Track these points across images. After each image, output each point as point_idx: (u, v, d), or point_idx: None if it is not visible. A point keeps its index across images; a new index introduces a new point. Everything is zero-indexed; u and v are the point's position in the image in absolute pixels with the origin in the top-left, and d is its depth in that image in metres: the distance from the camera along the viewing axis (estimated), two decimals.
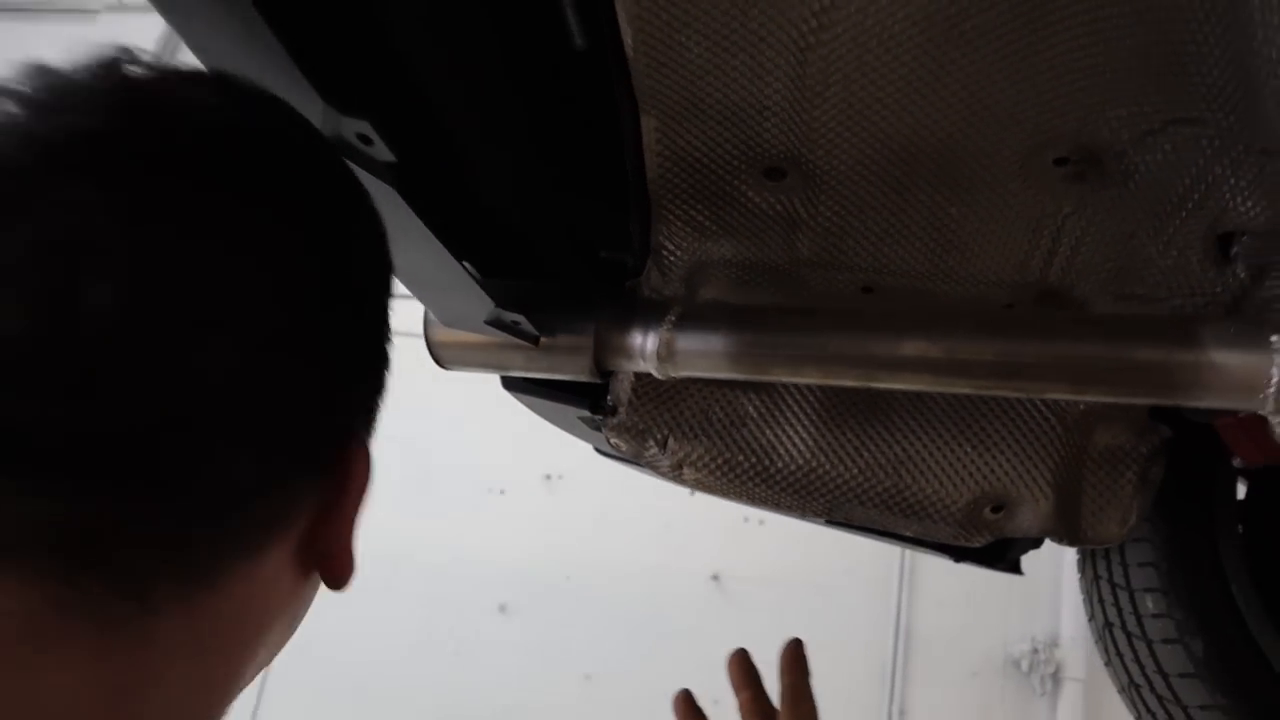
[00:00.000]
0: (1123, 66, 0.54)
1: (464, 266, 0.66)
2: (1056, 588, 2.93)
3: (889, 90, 0.59)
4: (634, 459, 0.90)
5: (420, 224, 0.57)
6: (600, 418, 0.87)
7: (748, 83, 0.61)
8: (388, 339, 0.47)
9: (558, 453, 3.46)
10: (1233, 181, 0.58)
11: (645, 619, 3.25)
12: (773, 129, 0.65)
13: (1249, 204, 0.59)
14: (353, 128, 0.48)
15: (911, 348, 0.66)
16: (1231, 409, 0.62)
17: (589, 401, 0.89)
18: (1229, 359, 0.59)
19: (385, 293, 0.48)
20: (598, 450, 1.11)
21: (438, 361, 0.82)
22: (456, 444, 3.49)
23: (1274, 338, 0.58)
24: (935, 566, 3.38)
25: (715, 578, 3.31)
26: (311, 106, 0.46)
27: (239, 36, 0.42)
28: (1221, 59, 0.48)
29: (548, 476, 3.44)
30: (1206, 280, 0.68)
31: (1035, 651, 2.91)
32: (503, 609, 3.27)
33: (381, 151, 0.50)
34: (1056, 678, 2.90)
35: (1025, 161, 0.64)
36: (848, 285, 0.82)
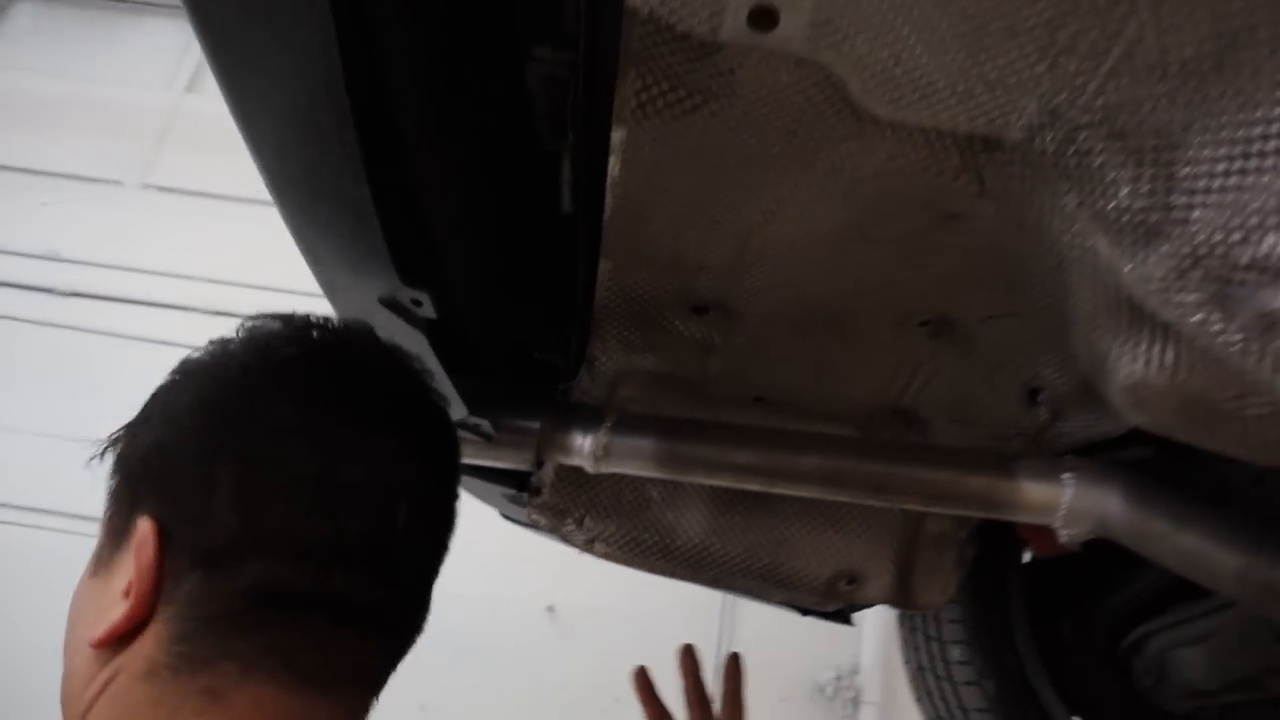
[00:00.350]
0: (978, 274, 0.73)
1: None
2: (859, 622, 3.25)
3: (807, 268, 0.76)
4: (551, 532, 1.02)
5: (433, 355, 0.67)
6: (526, 497, 0.99)
7: (696, 249, 0.76)
8: None
9: None
10: (1044, 358, 0.79)
11: (481, 649, 3.30)
12: (707, 281, 0.80)
13: (1053, 374, 0.80)
14: (409, 294, 0.59)
15: (807, 464, 0.82)
16: (1033, 521, 0.83)
17: (515, 482, 1.00)
18: (1034, 488, 0.80)
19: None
20: (504, 516, 1.21)
21: None
22: None
23: (1064, 475, 0.79)
24: (751, 604, 3.67)
25: (550, 609, 3.41)
26: (386, 276, 0.57)
27: (351, 238, 0.52)
28: (1047, 290, 0.67)
29: None
30: (1018, 417, 0.89)
31: (838, 679, 3.21)
32: None
33: (427, 311, 0.61)
34: (856, 702, 3.22)
35: (898, 321, 0.82)
36: (743, 395, 0.98)
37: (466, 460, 0.91)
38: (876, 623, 3.09)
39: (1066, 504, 0.79)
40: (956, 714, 1.26)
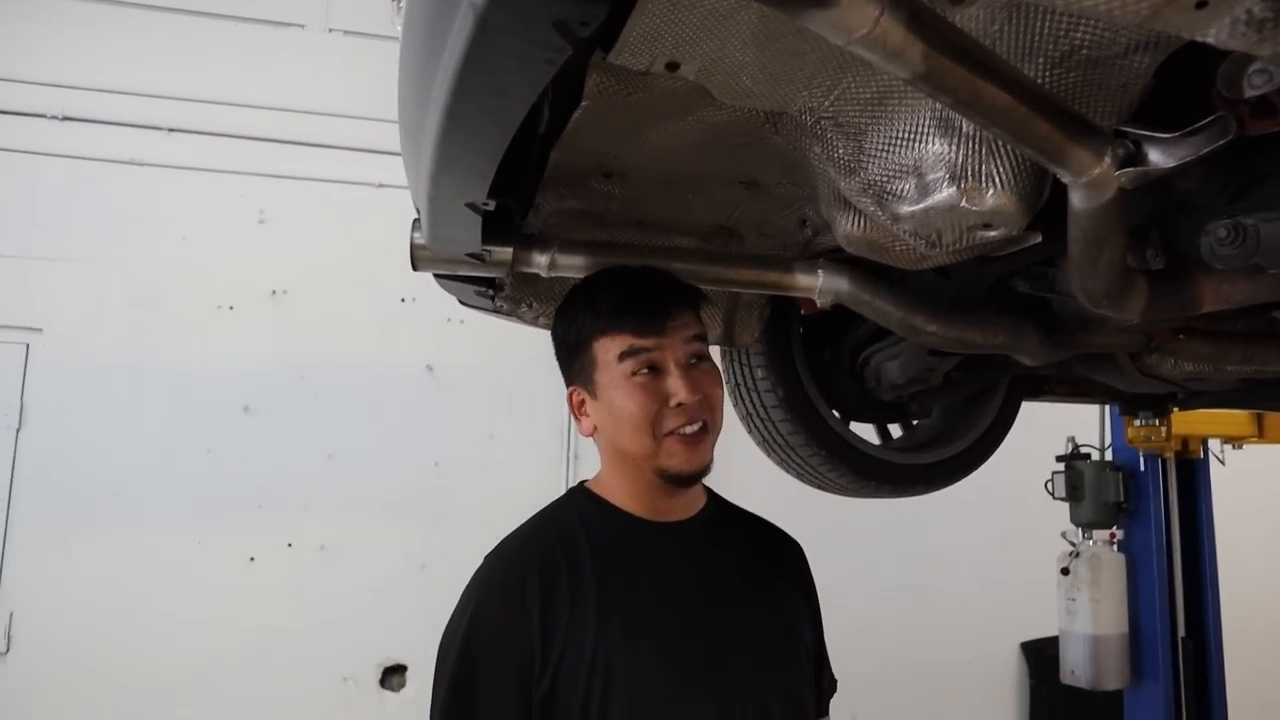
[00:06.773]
0: (772, 164, 1.29)
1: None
2: None
3: (678, 157, 1.28)
4: (509, 314, 1.56)
5: (480, 228, 1.16)
6: (493, 291, 1.51)
7: (611, 150, 1.26)
8: None
9: (282, 270, 3.78)
10: (807, 203, 1.38)
11: (374, 406, 3.85)
12: (614, 163, 1.31)
13: (813, 212, 1.39)
14: (483, 201, 1.07)
15: (676, 268, 1.39)
16: (802, 295, 1.46)
17: (484, 284, 1.52)
18: (803, 277, 1.41)
19: None
20: (462, 302, 1.72)
21: (414, 263, 1.38)
22: (183, 265, 3.65)
23: (819, 270, 1.41)
24: None
25: (429, 368, 3.97)
26: (479, 192, 1.05)
27: (477, 176, 1.00)
28: (807, 179, 1.24)
29: (274, 292, 3.77)
30: (794, 234, 1.49)
31: None
32: (247, 409, 3.67)
33: (488, 206, 1.09)
34: None
35: (727, 183, 1.38)
36: (629, 221, 1.52)
37: (462, 272, 1.42)
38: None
39: (819, 285, 1.42)
40: (759, 411, 1.97)
